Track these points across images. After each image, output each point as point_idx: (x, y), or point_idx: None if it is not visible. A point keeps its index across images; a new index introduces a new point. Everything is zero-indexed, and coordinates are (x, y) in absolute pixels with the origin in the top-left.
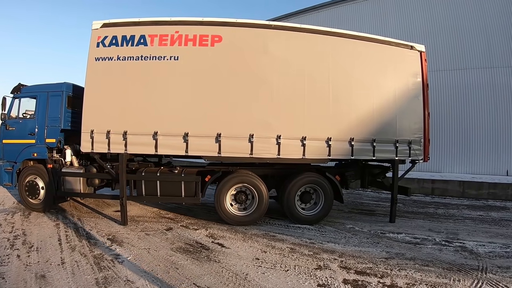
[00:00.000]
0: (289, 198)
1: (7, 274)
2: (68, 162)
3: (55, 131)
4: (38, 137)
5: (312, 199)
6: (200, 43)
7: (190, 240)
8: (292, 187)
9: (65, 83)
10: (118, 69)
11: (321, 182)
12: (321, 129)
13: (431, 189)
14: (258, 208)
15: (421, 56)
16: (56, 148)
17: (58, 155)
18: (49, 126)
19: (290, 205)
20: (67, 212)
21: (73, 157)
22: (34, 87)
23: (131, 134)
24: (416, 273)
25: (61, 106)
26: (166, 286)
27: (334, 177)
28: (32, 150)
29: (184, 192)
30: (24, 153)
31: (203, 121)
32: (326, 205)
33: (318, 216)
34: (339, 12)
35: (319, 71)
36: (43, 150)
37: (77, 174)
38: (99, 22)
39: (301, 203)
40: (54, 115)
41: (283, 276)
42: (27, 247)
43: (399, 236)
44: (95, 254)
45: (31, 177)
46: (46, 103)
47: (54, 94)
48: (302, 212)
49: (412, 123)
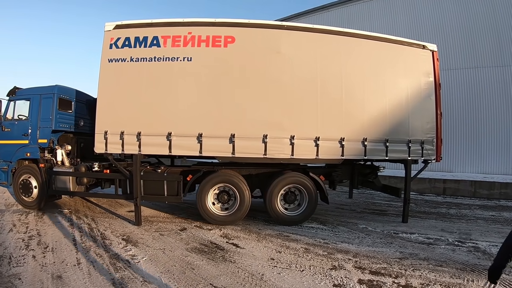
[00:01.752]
0: (271, 198)
1: (24, 275)
2: (59, 162)
3: (47, 131)
4: (31, 138)
5: (297, 200)
6: (213, 44)
7: (204, 240)
8: (275, 187)
9: (57, 85)
10: (131, 70)
11: (304, 182)
12: (334, 129)
13: (442, 188)
14: (239, 208)
15: (433, 56)
16: (49, 148)
17: (49, 155)
18: (41, 127)
19: (272, 205)
20: (81, 212)
21: (64, 157)
22: (28, 90)
23: (145, 135)
24: (430, 273)
25: (52, 107)
26: (183, 286)
27: (318, 177)
28: (26, 150)
29: (166, 191)
30: (19, 153)
31: (217, 122)
32: (310, 206)
33: (302, 217)
34: (349, 11)
35: (332, 71)
36: (35, 150)
37: (66, 173)
38: (111, 24)
39: (285, 203)
40: (46, 117)
41: (298, 276)
42: (42, 247)
43: (412, 236)
44: (111, 254)
45: (25, 176)
46: (38, 105)
47: (46, 97)
48: (285, 212)
49: (425, 123)
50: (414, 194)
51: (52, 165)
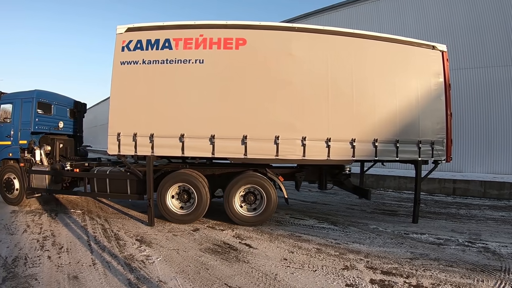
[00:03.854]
0: (229, 197)
1: (40, 275)
2: (38, 161)
3: (27, 133)
4: (14, 139)
5: (258, 200)
6: (224, 46)
7: (217, 240)
8: (232, 187)
9: (36, 90)
10: (143, 72)
11: (262, 183)
12: (345, 130)
13: (452, 189)
14: (197, 207)
15: (443, 56)
16: (29, 149)
17: (29, 155)
18: (22, 129)
19: (229, 205)
20: (94, 213)
21: (43, 157)
22: (11, 94)
23: (157, 137)
24: (440, 274)
25: (31, 111)
26: (198, 286)
27: (277, 178)
28: (8, 150)
29: (129, 189)
30: (2, 153)
31: (229, 123)
32: (268, 207)
33: (260, 218)
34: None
35: (342, 72)
36: (16, 151)
37: (42, 172)
38: (123, 27)
39: (245, 204)
40: (26, 119)
41: (311, 276)
42: (57, 248)
43: (423, 236)
44: (125, 255)
45: (8, 174)
46: (20, 108)
47: (26, 101)
48: (244, 212)
49: (435, 123)
50: (424, 195)
51: (31, 164)
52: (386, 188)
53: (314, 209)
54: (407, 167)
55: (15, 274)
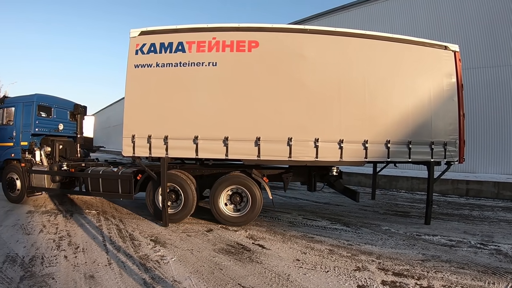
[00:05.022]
0: (214, 198)
1: (57, 275)
2: (38, 162)
3: (28, 135)
4: (16, 140)
5: (244, 201)
6: (237, 48)
7: (231, 241)
8: (217, 187)
9: (36, 94)
10: (157, 75)
11: (246, 184)
12: (358, 132)
13: (465, 190)
14: (184, 207)
15: (455, 56)
16: (31, 149)
17: (30, 155)
18: (23, 131)
19: (215, 205)
20: (108, 213)
21: (43, 157)
22: (14, 98)
23: (172, 139)
24: (452, 276)
25: (32, 114)
26: (212, 286)
27: (261, 179)
28: (11, 151)
29: (120, 189)
30: (5, 154)
31: (242, 125)
32: (253, 208)
33: (245, 219)
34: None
35: (354, 73)
36: (18, 151)
37: (41, 171)
38: (136, 30)
39: (231, 204)
40: (27, 122)
41: (323, 277)
42: (73, 248)
43: (435, 238)
44: (140, 255)
45: (11, 174)
46: (21, 111)
47: (27, 104)
48: (227, 212)
49: (447, 124)
50: (437, 196)
51: (32, 164)
52: (398, 189)
53: (327, 210)
54: (420, 168)
55: (33, 273)
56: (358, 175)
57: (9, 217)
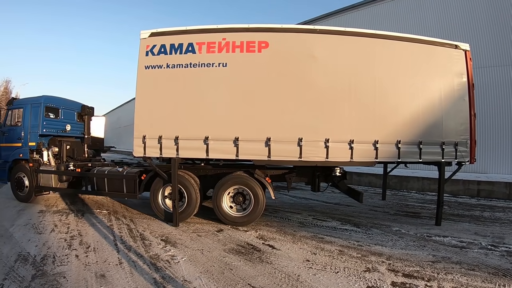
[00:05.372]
0: (217, 197)
1: (68, 274)
2: (46, 162)
3: (35, 135)
4: (24, 141)
5: (247, 200)
6: (247, 49)
7: (241, 241)
8: (219, 187)
9: (43, 96)
10: (167, 76)
11: (249, 184)
12: (368, 132)
13: (476, 190)
14: (187, 206)
15: (466, 55)
16: (39, 150)
17: (37, 155)
18: (31, 131)
19: (217, 205)
20: (119, 213)
21: (50, 157)
22: (22, 100)
23: (182, 139)
24: (462, 277)
25: (39, 115)
26: (222, 286)
27: (264, 179)
28: (19, 151)
29: (125, 188)
30: (14, 154)
31: (252, 126)
32: (256, 208)
33: (248, 219)
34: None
35: (365, 73)
36: (26, 152)
37: (48, 171)
38: (147, 32)
39: (235, 204)
40: (34, 123)
41: (333, 277)
42: (84, 247)
43: (445, 239)
44: (151, 254)
45: (19, 174)
46: (29, 113)
47: (34, 106)
48: (230, 212)
49: (458, 124)
50: (448, 196)
51: (40, 164)
52: (409, 190)
53: (337, 210)
54: (430, 168)
55: (44, 272)
56: (368, 176)
57: (21, 217)
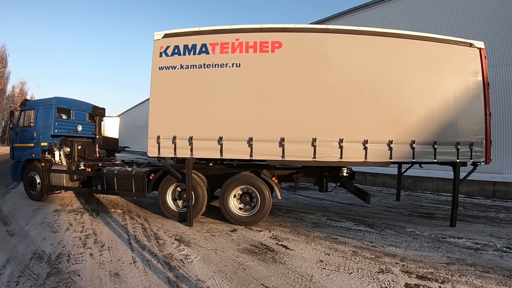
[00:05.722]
0: (223, 197)
1: (82, 272)
2: (57, 161)
3: (47, 136)
4: (36, 141)
5: (254, 200)
6: (260, 49)
7: (254, 241)
8: (226, 187)
9: (55, 97)
10: (181, 77)
11: (255, 184)
12: (382, 132)
13: (492, 191)
14: (194, 206)
15: (481, 54)
16: (51, 150)
17: (49, 155)
18: (43, 132)
19: (224, 204)
20: (133, 212)
21: (61, 157)
22: (34, 101)
23: (196, 140)
24: (476, 280)
25: (51, 116)
26: (235, 286)
27: (270, 179)
28: (31, 151)
29: (134, 187)
30: (27, 154)
31: (266, 126)
32: (262, 208)
33: (254, 218)
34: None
35: (379, 72)
36: (38, 152)
37: (59, 171)
38: (160, 33)
39: (241, 204)
40: (46, 124)
41: (347, 278)
42: (99, 246)
43: (460, 241)
44: (165, 254)
45: (31, 173)
46: (41, 114)
47: (46, 107)
48: (237, 212)
49: (473, 124)
50: (463, 197)
51: (51, 164)
52: (424, 190)
53: (351, 211)
54: (445, 169)
55: (59, 270)
56: (382, 176)
57: (36, 215)
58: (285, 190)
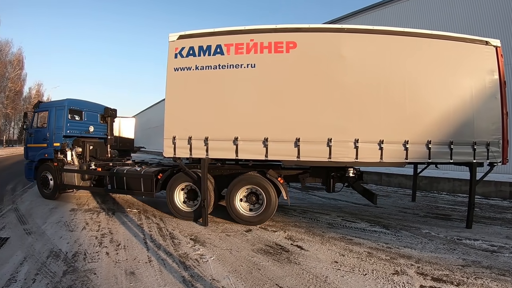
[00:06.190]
0: (230, 196)
1: (98, 270)
2: (69, 161)
3: (60, 137)
4: (49, 142)
5: (260, 200)
6: (275, 50)
7: (269, 242)
8: (233, 187)
9: (67, 99)
10: (196, 78)
11: (261, 184)
12: (398, 132)
13: (509, 192)
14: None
15: (497, 52)
16: (64, 150)
17: (62, 155)
18: (56, 133)
19: (230, 204)
20: (149, 212)
21: (74, 157)
22: (47, 103)
23: (212, 140)
24: (492, 283)
25: (63, 117)
26: (250, 286)
27: (276, 179)
28: (45, 151)
29: (143, 187)
30: (40, 154)
31: (281, 126)
32: (268, 207)
33: (260, 218)
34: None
35: (394, 72)
36: (51, 152)
37: (71, 170)
38: (175, 34)
39: (248, 203)
40: (59, 125)
41: (361, 280)
42: (115, 245)
43: (476, 243)
44: (180, 253)
45: (44, 172)
46: (54, 115)
47: (59, 108)
48: (243, 212)
49: (490, 123)
50: (479, 198)
51: (64, 164)
52: (440, 191)
53: (366, 211)
54: (461, 169)
55: (75, 268)
56: (398, 176)
57: (53, 215)
58: (299, 190)
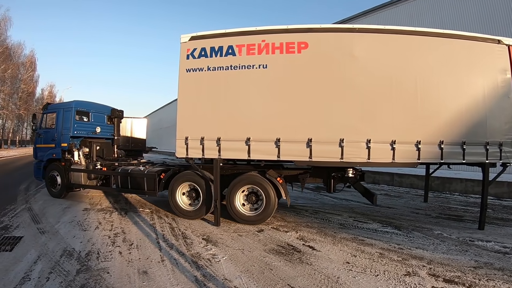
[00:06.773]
0: (230, 197)
1: (111, 269)
2: (77, 161)
3: (67, 137)
4: (57, 142)
5: (260, 199)
6: (287, 50)
7: (281, 242)
8: (233, 187)
9: (75, 101)
10: (209, 79)
11: (260, 183)
12: (410, 132)
13: None
14: (202, 204)
15: (509, 50)
16: (71, 150)
17: (69, 155)
18: (63, 133)
19: (230, 203)
20: (161, 212)
21: (81, 157)
22: (55, 105)
23: (224, 140)
24: (504, 285)
25: (71, 118)
26: (262, 285)
27: (275, 179)
28: (53, 151)
29: (146, 186)
30: (48, 154)
31: (294, 127)
32: (267, 207)
33: (260, 218)
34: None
35: (406, 72)
36: (59, 152)
37: (78, 170)
38: (187, 36)
39: (248, 203)
40: (66, 125)
41: (373, 281)
42: (128, 244)
43: (488, 244)
44: (192, 253)
45: (52, 172)
46: (62, 116)
47: (66, 110)
48: (243, 211)
49: (503, 123)
50: (492, 199)
51: (71, 163)
52: (452, 192)
53: (378, 212)
54: (474, 170)
55: (88, 267)
56: (410, 177)
57: (66, 214)
58: (311, 190)
